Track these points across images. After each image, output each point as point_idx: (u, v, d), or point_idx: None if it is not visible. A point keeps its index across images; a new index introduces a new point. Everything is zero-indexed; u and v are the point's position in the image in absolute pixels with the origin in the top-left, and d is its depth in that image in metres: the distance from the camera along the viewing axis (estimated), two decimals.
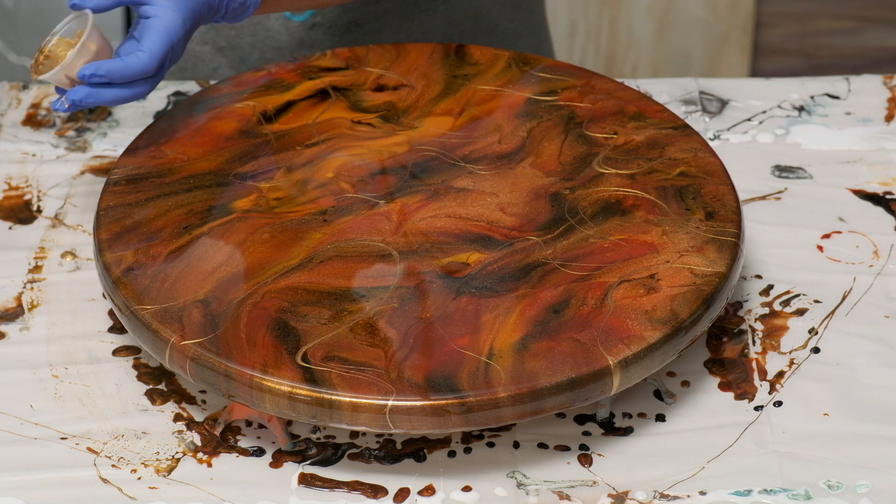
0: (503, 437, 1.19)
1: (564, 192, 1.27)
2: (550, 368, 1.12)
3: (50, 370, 1.25)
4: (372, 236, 1.24)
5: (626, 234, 1.23)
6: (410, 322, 1.16)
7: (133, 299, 1.18)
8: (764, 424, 1.20)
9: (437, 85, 1.40)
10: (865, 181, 1.43)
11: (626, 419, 1.21)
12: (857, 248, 1.36)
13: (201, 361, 1.13)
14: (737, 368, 1.25)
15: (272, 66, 1.43)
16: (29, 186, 1.43)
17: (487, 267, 1.20)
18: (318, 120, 1.36)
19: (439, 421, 1.10)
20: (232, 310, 1.17)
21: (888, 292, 1.31)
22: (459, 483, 1.16)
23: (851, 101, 1.53)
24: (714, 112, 1.52)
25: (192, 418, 1.21)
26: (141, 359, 1.26)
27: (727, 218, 1.24)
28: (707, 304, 1.17)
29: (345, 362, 1.12)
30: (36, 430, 1.20)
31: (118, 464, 1.17)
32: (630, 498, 1.14)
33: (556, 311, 1.16)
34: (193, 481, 1.16)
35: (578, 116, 1.36)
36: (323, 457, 1.18)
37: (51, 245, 1.37)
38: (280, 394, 1.11)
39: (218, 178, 1.30)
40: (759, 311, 1.30)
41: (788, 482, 1.15)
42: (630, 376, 1.14)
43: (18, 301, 1.31)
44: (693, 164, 1.30)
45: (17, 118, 1.52)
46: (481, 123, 1.36)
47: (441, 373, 1.11)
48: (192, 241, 1.23)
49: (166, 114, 1.38)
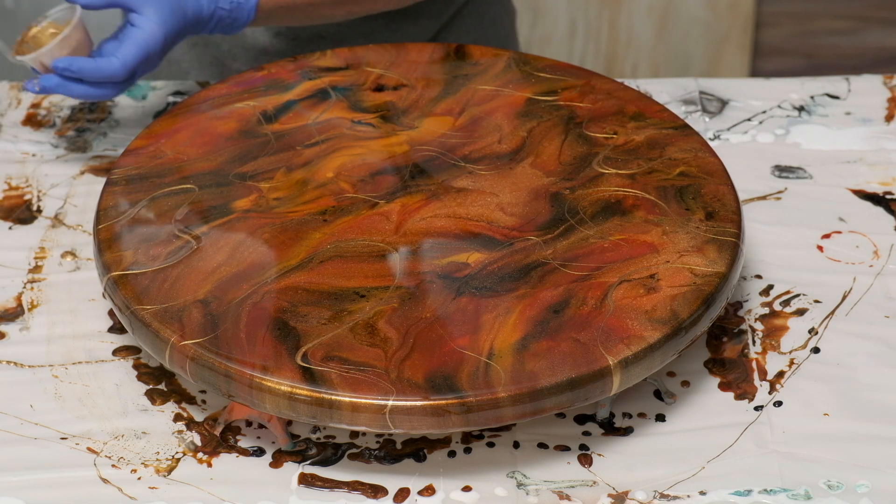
0: (503, 437, 1.19)
1: (564, 192, 1.27)
2: (550, 368, 1.12)
3: (50, 370, 1.25)
4: (372, 236, 1.24)
5: (626, 234, 1.23)
6: (410, 322, 1.16)
7: (133, 299, 1.18)
8: (764, 424, 1.20)
9: (437, 85, 1.40)
10: (865, 181, 1.43)
11: (626, 419, 1.21)
12: (857, 248, 1.36)
13: (201, 361, 1.13)
14: (737, 368, 1.25)
15: (272, 66, 1.43)
16: (29, 186, 1.43)
17: (487, 267, 1.20)
18: (318, 120, 1.36)
19: (439, 421, 1.10)
20: (232, 310, 1.17)
21: (888, 292, 1.31)
22: (459, 483, 1.16)
23: (851, 101, 1.53)
24: (714, 112, 1.52)
25: (192, 418, 1.21)
26: (141, 359, 1.26)
27: (727, 218, 1.24)
28: (707, 304, 1.17)
29: (345, 362, 1.12)
30: (36, 430, 1.20)
31: (118, 464, 1.17)
32: (630, 498, 1.14)
33: (556, 311, 1.16)
34: (193, 481, 1.16)
35: (578, 116, 1.36)
36: (323, 457, 1.18)
37: (51, 245, 1.37)
38: (280, 394, 1.11)
39: (218, 178, 1.30)
40: (759, 311, 1.30)
41: (788, 482, 1.15)
42: (630, 376, 1.14)
43: (18, 301, 1.31)
44: (693, 164, 1.30)
45: (17, 118, 1.52)
46: (481, 123, 1.36)
47: (441, 373, 1.11)
48: (192, 240, 1.23)
49: (166, 114, 1.38)
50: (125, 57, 1.34)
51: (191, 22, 1.38)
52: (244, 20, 1.40)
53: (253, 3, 1.39)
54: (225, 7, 1.39)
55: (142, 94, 1.55)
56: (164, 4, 1.35)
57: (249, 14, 1.40)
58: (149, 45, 1.35)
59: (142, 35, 1.35)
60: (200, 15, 1.38)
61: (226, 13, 1.39)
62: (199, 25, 1.39)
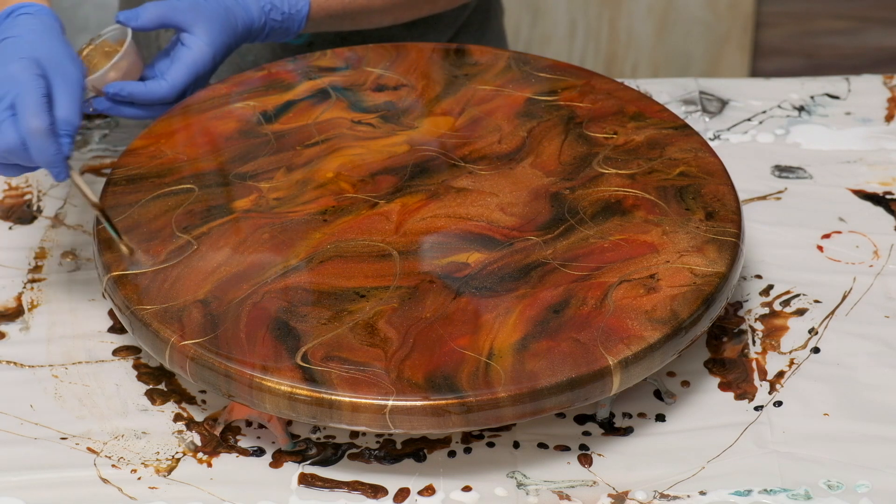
0: (503, 437, 1.19)
1: (564, 192, 1.27)
2: (550, 368, 1.12)
3: (50, 370, 1.25)
4: (372, 236, 1.24)
5: (626, 234, 1.23)
6: (410, 322, 1.16)
7: (133, 299, 1.18)
8: (764, 424, 1.20)
9: (437, 85, 1.40)
10: (865, 181, 1.43)
11: (626, 419, 1.21)
12: (857, 248, 1.36)
13: (201, 361, 1.13)
14: (737, 368, 1.25)
15: (272, 66, 1.43)
16: (29, 186, 1.43)
17: (487, 267, 1.20)
18: (318, 120, 1.36)
19: (439, 421, 1.10)
20: (232, 310, 1.17)
21: (888, 292, 1.31)
22: (459, 483, 1.16)
23: (851, 101, 1.53)
24: (714, 112, 1.52)
25: (192, 418, 1.21)
26: (141, 359, 1.26)
27: (727, 218, 1.24)
28: (707, 304, 1.17)
29: (345, 362, 1.12)
30: (36, 430, 1.20)
31: (118, 464, 1.17)
32: (630, 498, 1.14)
33: (556, 311, 1.16)
34: (193, 481, 1.16)
35: (578, 116, 1.36)
36: (323, 457, 1.18)
37: (51, 245, 1.37)
38: (280, 394, 1.11)
39: (218, 178, 1.30)
40: (759, 311, 1.30)
41: (788, 482, 1.15)
42: (630, 376, 1.14)
43: (18, 301, 1.31)
44: (693, 164, 1.30)
45: None
46: (481, 123, 1.36)
47: (441, 373, 1.11)
48: (192, 240, 1.23)
49: (166, 114, 1.38)
50: (174, 80, 1.35)
51: (241, 36, 1.39)
52: (295, 29, 1.42)
53: (304, 14, 1.41)
54: (277, 18, 1.40)
55: None
56: (214, 22, 1.36)
57: (301, 23, 1.41)
58: (198, 65, 1.36)
59: (191, 56, 1.35)
60: (251, 28, 1.39)
61: (277, 24, 1.40)
62: (250, 37, 1.40)
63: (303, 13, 1.41)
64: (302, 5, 1.40)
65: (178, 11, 1.35)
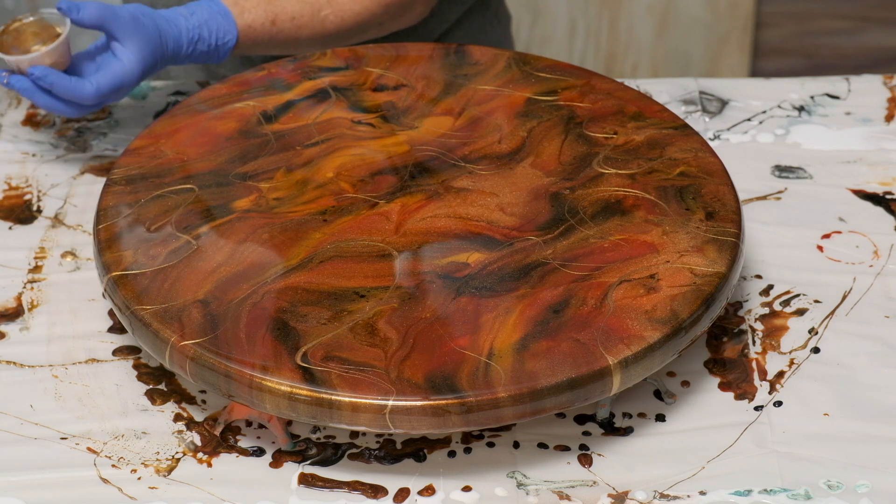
0: (503, 437, 1.19)
1: (564, 192, 1.27)
2: (550, 368, 1.12)
3: (50, 370, 1.25)
4: (372, 236, 1.24)
5: (626, 234, 1.23)
6: (410, 322, 1.16)
7: (133, 299, 1.18)
8: (764, 424, 1.20)
9: (437, 85, 1.40)
10: (865, 181, 1.43)
11: (626, 419, 1.21)
12: (857, 248, 1.36)
13: (201, 361, 1.13)
14: (737, 368, 1.25)
15: (272, 66, 1.43)
16: (29, 186, 1.43)
17: (487, 267, 1.20)
18: (318, 120, 1.36)
19: (439, 421, 1.10)
20: (232, 310, 1.17)
21: (888, 292, 1.31)
22: (459, 483, 1.16)
23: (851, 101, 1.53)
24: (714, 112, 1.52)
25: (192, 418, 1.21)
26: (141, 359, 1.26)
27: (727, 218, 1.24)
28: (707, 304, 1.17)
29: (344, 362, 1.12)
30: (36, 430, 1.20)
31: (118, 464, 1.17)
32: (630, 498, 1.14)
33: (556, 311, 1.16)
34: (193, 481, 1.16)
35: (578, 116, 1.36)
36: (323, 457, 1.18)
37: (51, 245, 1.37)
38: (280, 394, 1.11)
39: (218, 178, 1.30)
40: (759, 311, 1.30)
41: (788, 482, 1.15)
42: (630, 376, 1.14)
43: (18, 301, 1.31)
44: (693, 164, 1.30)
45: (17, 118, 1.52)
46: (481, 123, 1.36)
47: (441, 373, 1.11)
48: (192, 240, 1.23)
49: (166, 114, 1.38)
50: (100, 85, 1.36)
51: (169, 58, 1.41)
52: (221, 57, 1.45)
53: (231, 46, 1.43)
54: (203, 49, 1.42)
55: (142, 94, 1.55)
56: (148, 42, 1.38)
57: (227, 53, 1.44)
58: (125, 78, 1.38)
59: (120, 67, 1.37)
60: (178, 54, 1.42)
61: (203, 53, 1.43)
62: (174, 62, 1.42)
63: (229, 45, 1.43)
64: (229, 38, 1.42)
65: (119, 21, 1.37)
